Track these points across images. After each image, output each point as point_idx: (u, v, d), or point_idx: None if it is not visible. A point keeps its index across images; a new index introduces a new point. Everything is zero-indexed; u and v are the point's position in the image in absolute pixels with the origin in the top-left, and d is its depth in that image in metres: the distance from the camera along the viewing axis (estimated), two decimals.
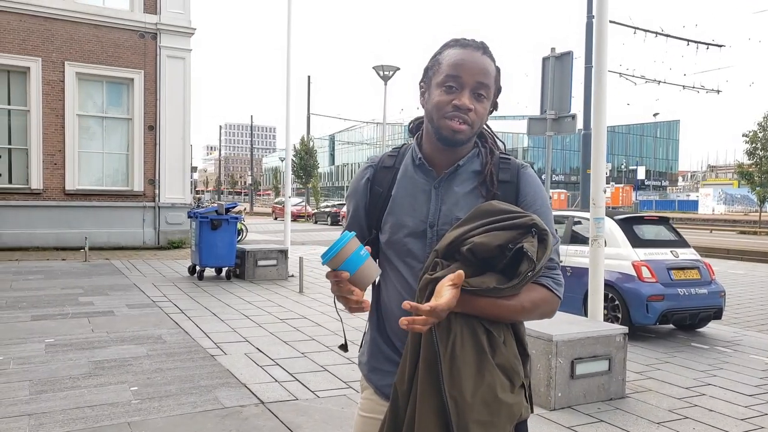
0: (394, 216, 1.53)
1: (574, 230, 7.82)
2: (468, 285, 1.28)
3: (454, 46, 1.50)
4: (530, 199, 1.48)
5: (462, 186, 1.50)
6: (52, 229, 14.19)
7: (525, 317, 1.39)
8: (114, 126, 15.34)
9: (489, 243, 1.29)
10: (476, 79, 1.44)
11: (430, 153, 1.54)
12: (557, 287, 1.44)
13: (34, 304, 7.53)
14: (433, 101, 1.47)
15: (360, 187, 1.62)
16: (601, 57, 5.09)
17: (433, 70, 1.51)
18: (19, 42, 14.01)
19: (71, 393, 4.28)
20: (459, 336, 1.30)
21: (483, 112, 1.48)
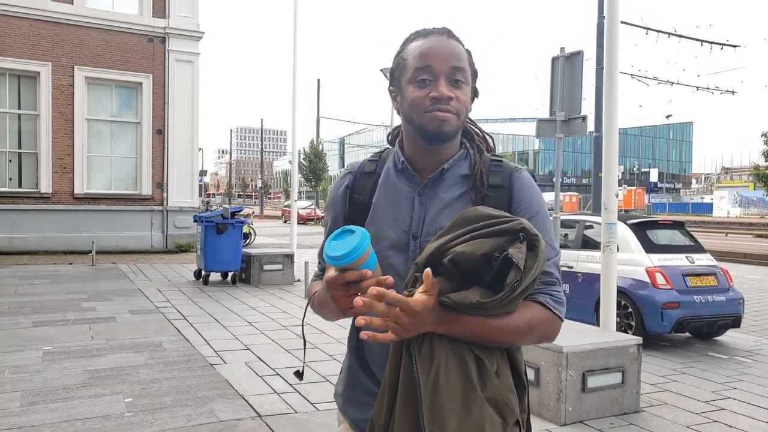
0: (374, 226, 1.36)
1: (585, 235, 7.61)
2: (449, 300, 1.11)
3: (416, 38, 1.35)
4: (525, 204, 1.31)
5: (449, 191, 1.34)
6: (61, 233, 14.17)
7: (520, 340, 1.21)
8: (123, 130, 15.32)
9: (472, 252, 1.11)
10: (449, 65, 1.29)
11: (413, 156, 1.38)
12: (557, 306, 1.25)
13: (36, 309, 7.44)
14: (408, 100, 1.32)
15: (339, 195, 1.46)
16: (612, 58, 4.91)
17: (400, 69, 1.35)
18: (30, 47, 14.03)
19: (63, 405, 4.15)
20: (443, 364, 1.13)
21: (465, 99, 1.33)
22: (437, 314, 1.12)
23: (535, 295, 1.24)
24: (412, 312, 1.08)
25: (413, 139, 1.36)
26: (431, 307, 1.10)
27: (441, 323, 1.13)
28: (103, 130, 15.17)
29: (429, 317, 1.10)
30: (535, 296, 1.24)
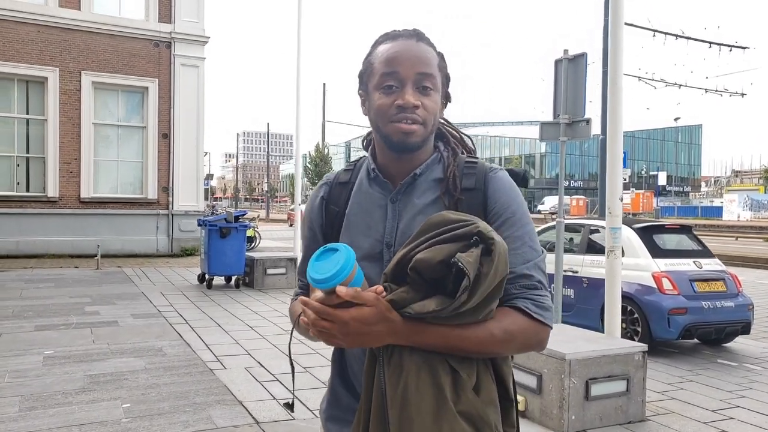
0: (347, 237, 1.32)
1: (590, 239, 7.53)
2: (411, 311, 1.06)
3: (384, 41, 1.29)
4: (500, 206, 1.25)
5: (422, 197, 1.28)
6: (68, 237, 14.22)
7: (499, 350, 1.14)
8: (128, 134, 15.37)
9: (431, 259, 1.06)
10: (416, 71, 1.23)
11: (385, 163, 1.32)
12: (540, 311, 1.18)
13: (40, 313, 7.44)
14: (374, 107, 1.26)
15: (315, 207, 1.41)
16: (616, 60, 4.84)
17: (368, 74, 1.30)
18: (38, 52, 14.11)
19: (61, 410, 4.13)
20: (413, 376, 1.07)
21: (434, 107, 1.26)
22: (393, 326, 1.07)
23: (513, 301, 1.18)
24: (341, 323, 1.04)
25: (382, 147, 1.31)
26: (370, 319, 1.05)
27: (401, 335, 1.08)
28: (109, 135, 15.23)
29: (373, 328, 1.06)
30: (514, 301, 1.18)
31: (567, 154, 64.40)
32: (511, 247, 1.19)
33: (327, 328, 1.05)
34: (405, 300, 1.08)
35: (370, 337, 1.07)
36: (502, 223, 1.23)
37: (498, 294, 1.11)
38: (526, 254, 1.21)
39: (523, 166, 67.65)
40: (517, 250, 1.21)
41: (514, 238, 1.21)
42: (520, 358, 4.42)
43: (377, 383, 1.11)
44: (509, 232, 1.22)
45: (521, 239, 1.22)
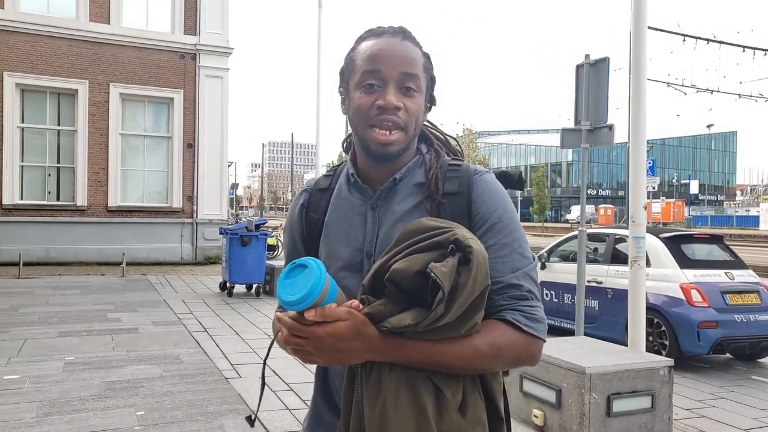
0: (326, 246, 1.26)
1: (616, 249, 7.34)
2: (389, 325, 0.99)
3: (368, 37, 1.22)
4: (485, 211, 1.16)
5: (403, 203, 1.21)
6: (95, 245, 14.46)
7: (486, 366, 1.06)
8: (154, 144, 15.62)
9: (407, 269, 0.99)
10: (400, 70, 1.16)
11: (365, 167, 1.25)
12: (530, 323, 1.10)
13: (64, 319, 7.54)
14: (354, 106, 1.19)
15: (295, 215, 1.35)
16: (639, 64, 4.71)
17: (349, 71, 1.23)
18: (69, 66, 14.45)
19: (77, 416, 4.14)
20: (392, 395, 1.00)
21: (416, 109, 1.19)
22: (370, 341, 1.00)
23: (502, 313, 1.10)
24: (315, 338, 0.98)
25: (361, 151, 1.24)
26: (346, 334, 0.98)
27: (379, 351, 1.01)
28: (136, 145, 15.49)
29: (349, 344, 0.99)
30: (502, 313, 1.10)
31: (594, 162, 62.98)
32: (498, 255, 1.12)
33: (301, 345, 1.00)
34: (382, 313, 1.01)
35: (347, 354, 1.00)
36: (488, 229, 1.15)
37: (480, 306, 1.03)
38: (514, 262, 1.13)
39: (550, 175, 66.98)
40: (505, 258, 1.13)
41: (502, 245, 1.14)
42: (538, 371, 4.29)
43: (355, 402, 1.04)
44: (496, 239, 1.14)
45: (509, 246, 1.14)
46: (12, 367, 5.33)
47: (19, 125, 14.20)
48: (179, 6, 15.39)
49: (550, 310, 7.89)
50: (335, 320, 0.98)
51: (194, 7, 15.52)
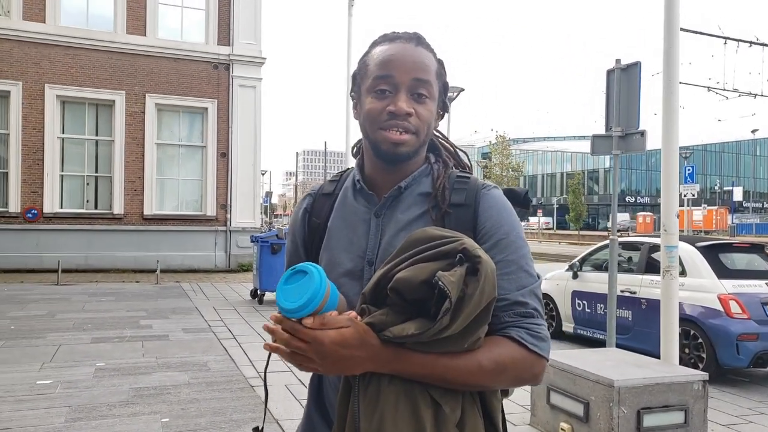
0: (328, 252, 1.24)
1: (651, 257, 7.13)
2: (390, 334, 0.97)
3: (382, 42, 1.21)
4: (491, 226, 1.14)
5: (407, 212, 1.19)
6: (131, 252, 14.79)
7: (487, 382, 1.04)
8: (189, 153, 15.92)
9: (412, 279, 0.96)
10: (412, 76, 1.15)
11: (372, 174, 1.24)
12: (535, 342, 1.07)
13: (98, 326, 7.70)
14: (365, 110, 1.18)
15: (298, 220, 1.34)
16: (671, 68, 4.58)
17: (361, 75, 1.22)
18: (107, 77, 14.87)
19: (104, 422, 4.20)
20: (391, 408, 0.98)
21: (428, 116, 1.18)
22: (373, 350, 0.98)
23: (506, 330, 1.07)
24: (318, 344, 0.95)
25: (371, 156, 1.23)
26: (350, 342, 0.96)
27: (381, 361, 0.99)
28: (171, 154, 15.81)
29: (352, 352, 0.97)
30: (507, 330, 1.07)
31: (633, 168, 61.64)
32: (505, 272, 1.10)
33: (302, 350, 0.97)
34: (384, 323, 0.99)
35: (349, 363, 0.98)
36: (493, 244, 1.12)
37: (485, 319, 1.01)
38: (521, 280, 1.11)
39: (587, 182, 65.86)
40: (511, 275, 1.11)
41: (508, 262, 1.11)
42: (565, 383, 4.18)
43: (351, 414, 1.02)
44: (502, 255, 1.11)
45: (516, 263, 1.12)
46: (45, 372, 5.46)
47: (60, 136, 14.65)
48: (213, 17, 15.70)
49: (582, 320, 7.72)
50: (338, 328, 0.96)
51: (227, 18, 15.81)
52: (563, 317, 8.05)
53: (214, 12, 15.70)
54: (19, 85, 14.08)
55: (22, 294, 10.40)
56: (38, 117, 14.27)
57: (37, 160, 14.27)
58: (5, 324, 7.64)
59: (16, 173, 14.08)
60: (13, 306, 9.07)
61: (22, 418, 4.23)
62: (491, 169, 28.90)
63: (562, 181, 70.07)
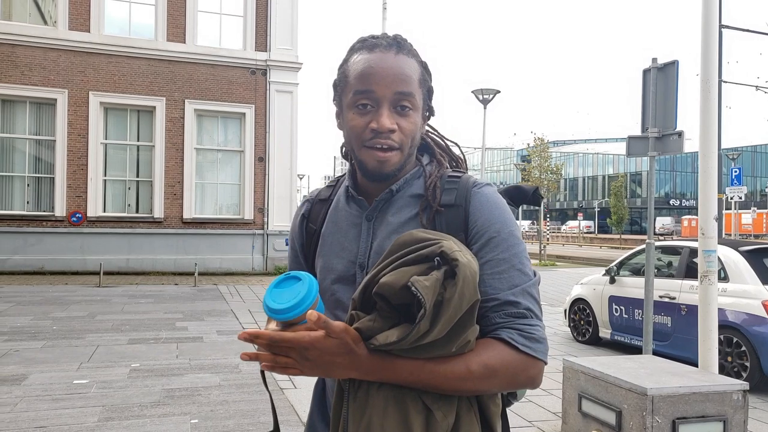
0: (322, 258, 1.23)
1: (692, 262, 6.89)
2: (376, 342, 0.95)
3: (360, 49, 1.17)
4: (482, 225, 1.10)
5: (398, 214, 1.17)
6: (171, 255, 15.13)
7: (479, 387, 1.00)
8: (227, 158, 16.20)
9: (394, 284, 0.94)
10: (394, 90, 1.11)
11: (363, 181, 1.22)
12: (528, 343, 1.03)
13: (135, 327, 7.88)
14: (348, 127, 1.16)
15: (296, 225, 1.34)
16: (708, 66, 4.41)
17: (341, 87, 1.19)
18: (148, 84, 15.27)
19: (135, 422, 4.28)
20: (378, 413, 0.96)
21: (412, 128, 1.15)
22: (357, 359, 0.96)
23: (497, 331, 1.04)
24: (300, 348, 0.94)
25: (359, 169, 1.21)
26: (335, 350, 0.94)
27: (366, 370, 0.97)
28: (209, 159, 16.12)
29: (334, 359, 0.95)
30: (498, 332, 1.04)
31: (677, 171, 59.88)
32: (496, 271, 1.06)
33: (284, 352, 0.96)
34: (371, 329, 0.97)
35: (331, 369, 0.97)
36: (484, 243, 1.09)
37: (470, 323, 0.98)
38: (513, 279, 1.07)
39: (629, 185, 64.33)
40: (502, 274, 1.07)
41: (499, 261, 1.07)
42: (597, 390, 4.06)
43: (342, 419, 1.01)
44: (493, 253, 1.08)
45: (507, 262, 1.08)
46: (82, 372, 5.61)
47: (103, 141, 15.11)
48: (250, 23, 15.96)
49: (620, 326, 7.51)
50: (327, 333, 0.94)
51: (265, 24, 16.05)
52: (600, 323, 7.85)
53: (252, 18, 15.96)
54: (65, 92, 14.59)
55: (66, 295, 10.74)
56: (83, 123, 14.75)
57: (81, 166, 14.74)
58: (48, 324, 7.90)
59: (62, 178, 14.58)
60: (57, 307, 9.37)
61: (58, 417, 4.35)
62: (530, 172, 28.46)
63: (603, 184, 68.62)
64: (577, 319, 8.23)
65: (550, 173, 28.79)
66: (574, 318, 8.31)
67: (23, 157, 14.75)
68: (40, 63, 14.45)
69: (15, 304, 9.57)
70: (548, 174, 28.50)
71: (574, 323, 8.30)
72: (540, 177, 27.97)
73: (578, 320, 8.21)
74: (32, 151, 14.83)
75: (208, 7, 15.87)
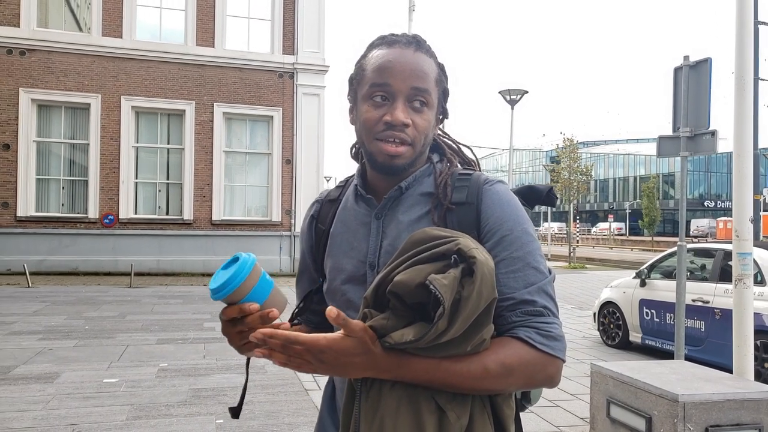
0: (331, 258, 1.22)
1: (726, 265, 6.70)
2: (391, 341, 0.93)
3: (379, 45, 1.16)
4: (494, 223, 1.08)
5: (408, 213, 1.15)
6: (200, 257, 15.34)
7: (496, 386, 0.98)
8: (255, 161, 16.37)
9: (409, 282, 0.93)
10: (410, 85, 1.10)
11: (372, 179, 1.21)
12: (546, 341, 1.01)
13: (164, 327, 8.00)
14: (361, 119, 1.15)
15: (305, 227, 1.34)
16: (744, 63, 4.28)
17: (358, 80, 1.18)
18: (177, 88, 15.53)
19: (161, 421, 4.33)
20: (391, 414, 0.95)
21: (425, 126, 1.13)
22: (373, 358, 0.94)
23: (514, 330, 1.02)
24: (317, 351, 0.92)
25: (368, 163, 1.20)
26: (352, 350, 0.93)
27: (382, 369, 0.95)
28: (238, 161, 16.31)
29: (352, 359, 0.94)
30: (515, 331, 1.02)
31: (712, 172, 58.30)
32: (511, 269, 1.04)
33: (301, 354, 0.94)
34: (385, 328, 0.95)
35: (348, 368, 0.96)
36: (498, 242, 1.07)
37: (487, 321, 0.96)
38: (528, 277, 1.04)
39: (662, 186, 63.07)
40: (517, 273, 1.05)
41: (513, 259, 1.05)
42: (626, 396, 3.97)
43: (353, 419, 0.99)
44: (507, 252, 1.06)
45: (522, 260, 1.05)
46: (112, 371, 5.71)
47: (134, 145, 15.41)
48: (278, 27, 16.11)
49: (651, 330, 7.35)
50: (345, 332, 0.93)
51: (292, 28, 16.18)
52: (630, 327, 7.69)
53: (279, 22, 16.11)
54: (98, 97, 14.92)
55: (98, 296, 10.97)
56: (115, 127, 15.07)
57: (113, 168, 15.05)
58: (80, 324, 8.07)
59: (95, 181, 14.90)
60: (89, 307, 9.57)
61: (88, 415, 4.43)
62: (559, 173, 28.10)
63: (635, 185, 67.42)
64: (607, 322, 8.08)
65: (580, 174, 28.36)
66: (603, 321, 8.16)
67: (59, 161, 15.13)
68: (75, 69, 14.81)
69: (50, 303, 9.81)
70: (578, 175, 28.08)
71: (603, 327, 8.15)
72: (569, 178, 27.57)
73: (607, 324, 8.06)
74: (67, 155, 15.20)
75: (236, 11, 16.07)
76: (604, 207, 70.47)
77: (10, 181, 14.38)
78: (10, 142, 14.39)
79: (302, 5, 16.15)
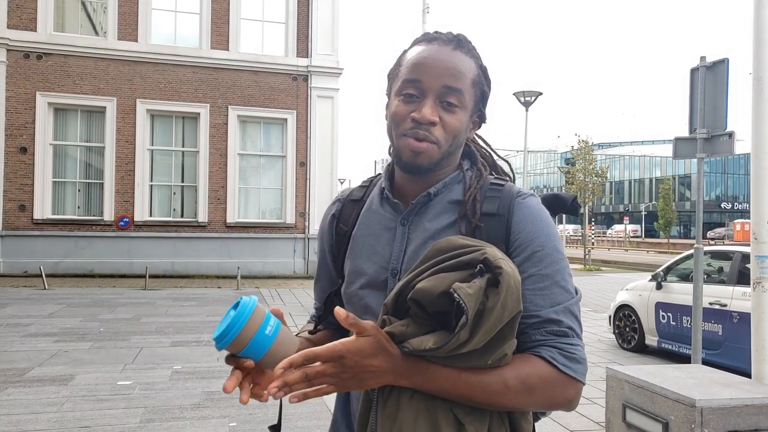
0: (351, 261, 1.19)
1: (744, 268, 6.60)
2: (409, 346, 0.91)
3: (420, 41, 1.14)
4: (525, 238, 1.05)
5: (435, 220, 1.12)
6: (214, 259, 15.43)
7: (514, 403, 0.96)
8: (269, 163, 16.44)
9: (431, 290, 0.91)
10: (442, 83, 1.07)
11: (400, 182, 1.18)
12: (568, 363, 0.99)
13: (178, 330, 8.04)
14: (391, 113, 1.12)
15: (326, 226, 1.30)
16: (762, 63, 4.21)
17: (393, 75, 1.16)
18: (192, 91, 15.65)
19: (174, 424, 4.35)
20: (409, 425, 0.93)
21: (456, 126, 1.09)
22: (393, 360, 0.93)
23: (537, 348, 1.00)
24: (337, 357, 0.90)
25: (395, 161, 1.18)
26: (370, 349, 0.91)
27: (401, 372, 0.94)
28: (252, 164, 16.39)
29: (371, 362, 0.91)
30: (538, 349, 1.00)
31: (729, 173, 57.66)
32: (538, 287, 1.02)
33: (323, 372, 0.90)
34: (404, 334, 0.94)
35: (369, 374, 0.93)
36: (527, 257, 1.04)
37: (510, 335, 0.94)
38: (555, 296, 1.02)
39: (678, 188, 62.42)
40: (545, 291, 1.02)
41: (542, 276, 1.03)
42: (642, 400, 3.91)
43: (370, 429, 0.98)
44: (536, 269, 1.03)
45: (550, 278, 1.03)
46: (126, 373, 5.74)
47: (149, 147, 15.54)
48: (292, 30, 16.18)
49: (667, 333, 7.26)
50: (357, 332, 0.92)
51: (306, 31, 16.24)
52: (646, 330, 7.60)
53: (293, 25, 16.18)
54: (114, 100, 15.07)
55: (113, 298, 11.06)
56: (130, 130, 15.21)
57: (128, 171, 15.19)
58: (95, 326, 8.14)
59: (111, 184, 15.05)
60: (104, 309, 9.66)
61: (101, 417, 4.45)
62: (574, 175, 27.92)
63: (650, 187, 66.79)
64: (622, 325, 7.99)
65: (595, 176, 28.15)
66: (619, 325, 8.07)
67: (75, 164, 15.30)
68: (91, 72, 14.98)
69: (66, 305, 9.91)
70: (593, 177, 27.87)
71: (618, 330, 8.07)
72: (584, 180, 27.38)
73: (623, 327, 7.98)
74: (83, 158, 15.37)
75: (250, 14, 16.17)
76: (620, 209, 69.88)
77: (27, 183, 14.57)
78: (27, 146, 14.59)
79: (316, 8, 16.21)
